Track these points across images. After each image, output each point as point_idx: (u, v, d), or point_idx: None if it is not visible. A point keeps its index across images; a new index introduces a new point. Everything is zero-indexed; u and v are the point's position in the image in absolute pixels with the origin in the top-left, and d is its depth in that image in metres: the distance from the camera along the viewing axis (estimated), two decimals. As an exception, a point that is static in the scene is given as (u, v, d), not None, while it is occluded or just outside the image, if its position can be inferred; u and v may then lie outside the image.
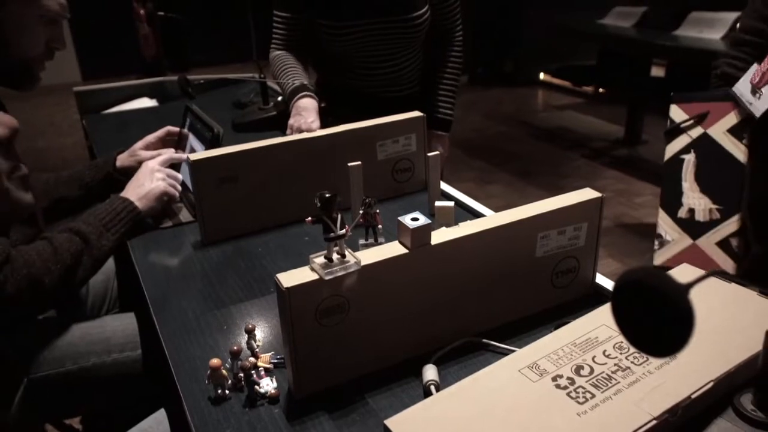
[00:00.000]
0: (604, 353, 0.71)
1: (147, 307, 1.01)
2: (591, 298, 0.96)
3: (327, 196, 0.73)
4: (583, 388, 0.66)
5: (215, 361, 0.76)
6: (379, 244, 1.01)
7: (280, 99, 1.83)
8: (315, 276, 0.72)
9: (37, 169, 1.38)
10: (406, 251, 0.77)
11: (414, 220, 0.77)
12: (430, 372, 0.78)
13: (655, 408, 0.63)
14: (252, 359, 0.80)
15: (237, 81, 2.26)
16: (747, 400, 0.67)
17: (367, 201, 1.04)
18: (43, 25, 1.09)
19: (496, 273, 0.86)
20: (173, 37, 5.74)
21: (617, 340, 0.73)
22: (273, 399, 0.77)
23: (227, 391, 0.78)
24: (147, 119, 1.96)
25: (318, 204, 0.73)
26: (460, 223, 0.83)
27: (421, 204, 1.31)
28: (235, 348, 0.79)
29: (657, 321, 0.43)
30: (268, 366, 0.81)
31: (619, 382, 0.66)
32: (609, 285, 0.97)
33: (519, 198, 3.51)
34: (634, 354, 0.70)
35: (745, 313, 0.77)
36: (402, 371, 0.81)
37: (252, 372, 0.77)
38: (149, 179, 1.24)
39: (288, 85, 1.52)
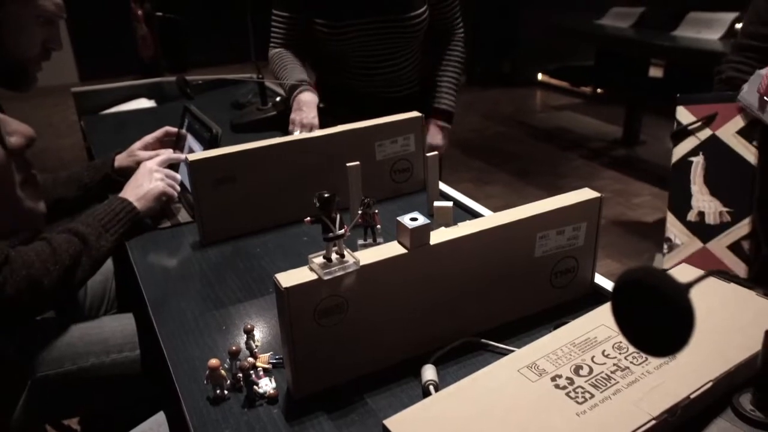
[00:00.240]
0: (603, 353, 0.71)
1: (145, 308, 1.01)
2: (590, 298, 0.96)
3: (326, 196, 0.73)
4: (582, 388, 0.66)
5: (214, 362, 0.76)
6: (378, 244, 1.01)
7: (278, 99, 1.83)
8: (314, 276, 0.72)
9: (35, 170, 1.38)
10: (405, 251, 0.77)
11: (413, 220, 0.76)
12: (429, 372, 0.78)
13: (655, 408, 0.63)
14: (251, 359, 0.80)
15: (235, 81, 2.25)
16: (746, 400, 0.67)
17: (366, 201, 1.04)
18: (40, 26, 1.09)
19: (495, 273, 0.86)
20: (171, 38, 5.75)
21: (616, 340, 0.73)
22: (272, 399, 0.77)
23: (226, 392, 0.78)
24: (145, 120, 1.96)
25: (317, 204, 0.73)
26: (459, 223, 0.83)
27: (420, 204, 1.31)
28: (234, 348, 0.79)
29: (657, 320, 0.43)
30: (266, 366, 0.80)
31: (618, 382, 0.66)
32: (608, 285, 0.97)
33: (518, 198, 3.51)
34: (633, 354, 0.70)
35: (745, 313, 0.77)
36: (401, 371, 0.81)
37: (251, 372, 0.77)
38: (148, 179, 1.24)
39: (288, 81, 1.52)
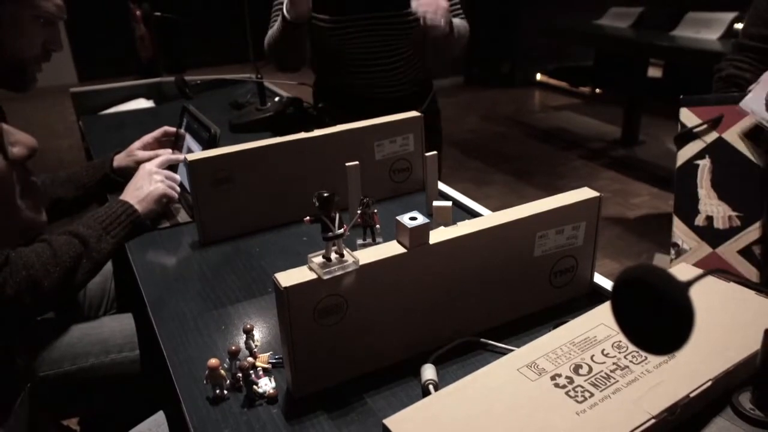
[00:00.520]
0: (602, 352, 0.71)
1: (145, 308, 1.01)
2: (589, 297, 0.96)
3: (325, 195, 0.73)
4: (582, 387, 0.66)
5: (213, 361, 0.76)
6: (377, 243, 1.01)
7: (277, 99, 1.83)
8: (313, 275, 0.72)
9: (34, 171, 1.38)
10: (404, 251, 0.77)
11: (412, 219, 0.76)
12: (428, 371, 0.78)
13: (654, 407, 0.63)
14: (250, 359, 0.80)
15: (234, 82, 2.25)
16: (745, 398, 0.67)
17: (365, 201, 1.04)
18: (40, 27, 1.09)
19: (494, 272, 0.86)
20: (170, 38, 5.74)
21: (616, 339, 0.73)
22: (271, 399, 0.77)
23: (225, 391, 0.78)
24: (144, 120, 1.95)
25: (316, 203, 0.73)
26: (458, 223, 0.83)
27: (419, 204, 1.31)
28: (234, 348, 0.79)
29: (656, 319, 0.43)
30: (266, 366, 0.80)
31: (618, 381, 0.66)
32: (607, 284, 0.97)
33: (516, 198, 3.52)
34: (632, 353, 0.70)
35: (744, 312, 0.77)
36: (400, 371, 0.81)
37: (250, 372, 0.77)
38: (148, 182, 1.24)
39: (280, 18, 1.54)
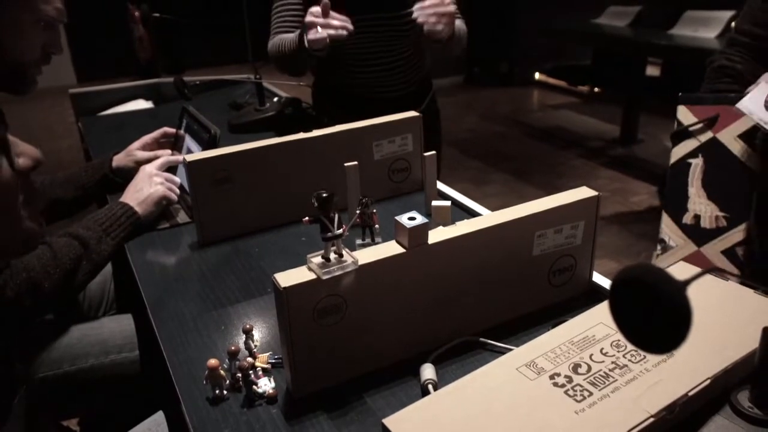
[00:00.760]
0: (601, 351, 0.71)
1: (144, 309, 1.01)
2: (588, 296, 0.96)
3: (324, 195, 0.73)
4: (581, 386, 0.66)
5: (213, 362, 0.76)
6: (376, 244, 1.01)
7: (275, 100, 1.83)
8: (312, 276, 0.72)
9: (36, 182, 1.38)
10: (403, 250, 0.77)
11: (411, 219, 0.77)
12: (427, 371, 0.78)
13: (653, 405, 0.63)
14: (250, 359, 0.80)
15: (233, 82, 2.26)
16: (744, 397, 0.67)
17: (364, 201, 1.04)
18: (40, 30, 1.09)
19: (493, 272, 0.86)
20: (168, 39, 5.73)
21: (615, 338, 0.73)
22: (271, 399, 0.77)
23: (225, 392, 0.78)
24: (143, 121, 1.95)
25: (315, 204, 0.73)
26: (457, 222, 0.83)
27: (418, 204, 1.31)
28: (233, 348, 0.79)
29: (654, 317, 0.43)
30: (266, 366, 0.81)
31: (617, 379, 0.66)
32: (606, 283, 0.97)
33: (516, 198, 3.52)
34: (631, 352, 0.70)
35: (742, 311, 0.77)
36: (400, 370, 0.81)
37: (250, 372, 0.77)
38: (148, 184, 1.24)
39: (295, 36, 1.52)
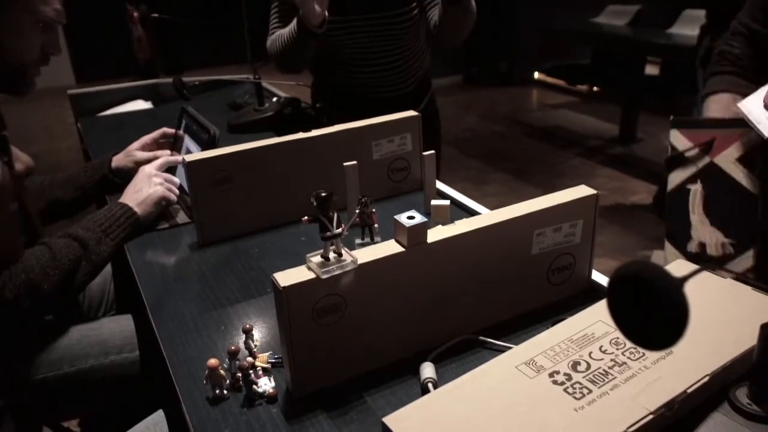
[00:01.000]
0: (600, 349, 0.71)
1: (144, 309, 1.01)
2: (587, 294, 0.96)
3: (323, 195, 0.73)
4: (580, 383, 0.66)
5: (213, 362, 0.76)
6: (376, 243, 1.01)
7: (275, 100, 1.83)
8: (312, 275, 0.72)
9: (32, 173, 1.39)
10: (402, 249, 0.77)
11: (410, 218, 0.77)
12: (427, 370, 0.78)
13: (652, 402, 0.63)
14: (250, 359, 0.80)
15: (232, 82, 2.26)
16: (742, 393, 0.67)
17: (363, 200, 1.04)
18: (39, 31, 1.09)
19: (492, 270, 0.86)
20: (167, 39, 5.74)
21: (613, 335, 0.73)
22: (271, 398, 0.77)
23: (225, 391, 0.78)
24: (142, 121, 1.96)
25: (314, 203, 0.73)
26: (456, 221, 0.84)
27: (417, 203, 1.31)
28: (233, 348, 0.79)
29: (652, 314, 0.43)
30: (265, 366, 0.81)
31: (616, 377, 0.67)
32: (605, 282, 0.97)
33: (515, 197, 3.49)
34: (630, 349, 0.71)
35: (740, 308, 0.77)
36: (399, 369, 0.81)
37: (250, 372, 0.78)
38: (147, 184, 1.24)
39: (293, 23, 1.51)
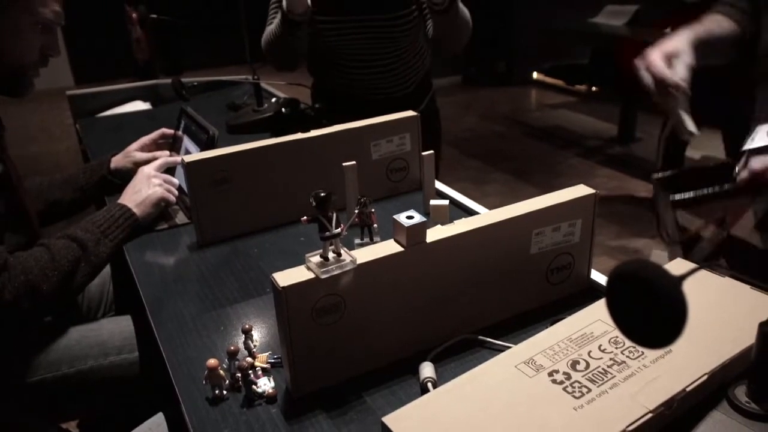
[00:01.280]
0: (599, 348, 0.71)
1: (143, 310, 1.01)
2: (586, 294, 0.96)
3: (322, 195, 0.73)
4: (579, 382, 0.66)
5: (212, 362, 0.76)
6: (375, 243, 1.02)
7: (273, 100, 1.83)
8: (311, 275, 0.72)
9: (31, 175, 1.38)
10: (401, 249, 0.77)
11: (409, 218, 0.77)
12: (426, 369, 0.78)
13: (651, 401, 0.63)
14: (249, 359, 0.80)
15: (231, 83, 2.26)
16: (741, 392, 0.67)
17: (362, 201, 1.04)
18: (38, 33, 1.09)
19: (491, 270, 0.86)
20: (166, 40, 5.74)
21: (612, 334, 0.73)
22: (270, 398, 0.77)
23: (225, 392, 0.78)
24: (141, 122, 1.96)
25: (313, 203, 0.73)
26: (455, 221, 0.84)
27: (416, 203, 1.31)
28: (233, 348, 0.79)
29: (650, 312, 0.43)
30: (265, 366, 0.81)
31: (615, 376, 0.67)
32: (604, 281, 0.97)
33: (514, 197, 3.48)
34: (629, 348, 0.71)
35: (739, 306, 0.78)
36: (399, 369, 0.81)
37: (249, 372, 0.78)
38: (146, 185, 1.24)
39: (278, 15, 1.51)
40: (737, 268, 0.90)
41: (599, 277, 0.98)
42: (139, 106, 2.25)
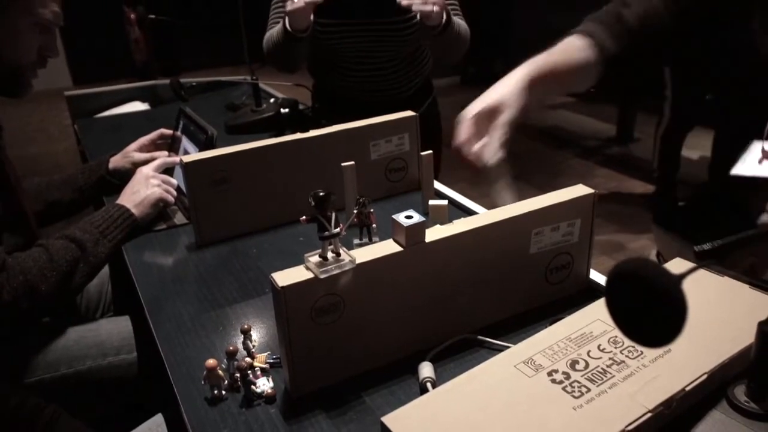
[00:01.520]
0: (598, 347, 0.71)
1: (142, 310, 1.01)
2: (585, 293, 0.96)
3: (321, 194, 0.73)
4: (579, 382, 0.66)
5: (211, 362, 0.76)
6: (374, 243, 1.01)
7: (272, 101, 1.83)
8: (310, 275, 0.72)
9: (30, 175, 1.38)
10: (400, 249, 0.77)
11: (408, 218, 0.77)
12: (426, 369, 0.78)
13: (650, 401, 0.63)
14: (248, 359, 0.80)
15: (229, 83, 2.26)
16: (740, 391, 0.67)
17: (361, 201, 1.04)
18: (37, 33, 1.09)
19: (490, 270, 0.86)
20: (164, 41, 5.74)
21: (612, 334, 0.73)
22: (269, 399, 0.77)
23: (224, 392, 0.78)
24: (139, 123, 1.96)
25: (312, 203, 0.73)
26: (454, 221, 0.84)
27: (416, 203, 1.31)
28: (231, 348, 0.79)
29: (650, 311, 0.43)
30: (264, 366, 0.81)
31: (614, 375, 0.67)
32: (603, 281, 0.97)
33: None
34: (628, 348, 0.71)
35: (738, 306, 0.77)
36: (398, 369, 0.81)
37: (248, 372, 0.78)
38: (144, 186, 1.24)
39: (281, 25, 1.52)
40: None
41: (598, 277, 0.98)
42: (138, 106, 2.25)
